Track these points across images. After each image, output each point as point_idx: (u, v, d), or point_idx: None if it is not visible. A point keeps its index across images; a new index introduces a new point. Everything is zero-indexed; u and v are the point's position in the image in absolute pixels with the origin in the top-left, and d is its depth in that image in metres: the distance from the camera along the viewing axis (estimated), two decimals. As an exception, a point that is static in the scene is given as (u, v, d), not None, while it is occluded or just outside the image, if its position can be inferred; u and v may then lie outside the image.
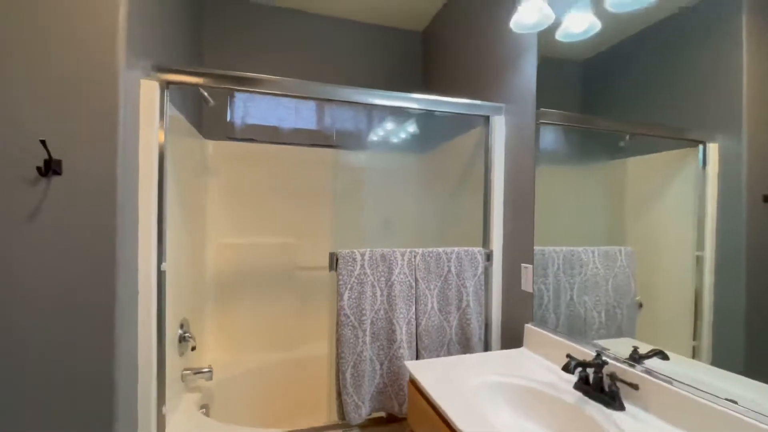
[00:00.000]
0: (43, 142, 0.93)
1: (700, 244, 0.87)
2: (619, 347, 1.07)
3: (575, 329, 1.22)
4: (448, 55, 2.22)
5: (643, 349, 1.00)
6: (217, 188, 2.15)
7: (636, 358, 1.02)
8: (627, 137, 1.08)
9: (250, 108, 2.19)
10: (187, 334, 1.65)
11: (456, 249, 1.50)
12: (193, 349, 1.69)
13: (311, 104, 2.33)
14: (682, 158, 0.92)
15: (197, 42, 2.05)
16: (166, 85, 1.25)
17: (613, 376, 0.99)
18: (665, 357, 0.97)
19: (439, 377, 1.12)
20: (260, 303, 2.20)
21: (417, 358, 1.44)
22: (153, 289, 1.21)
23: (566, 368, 0.98)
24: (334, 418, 1.39)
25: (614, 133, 1.12)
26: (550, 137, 1.40)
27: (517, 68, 1.55)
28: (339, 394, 1.36)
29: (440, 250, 1.48)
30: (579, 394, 1.04)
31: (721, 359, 0.83)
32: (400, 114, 2.48)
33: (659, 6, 0.98)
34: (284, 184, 2.26)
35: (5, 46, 0.95)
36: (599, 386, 1.01)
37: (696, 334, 0.88)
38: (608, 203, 1.13)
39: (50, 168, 0.96)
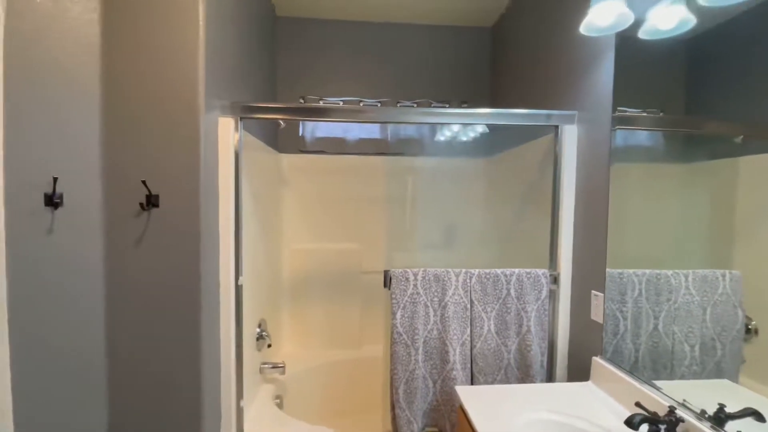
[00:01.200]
0: (143, 182, 1.13)
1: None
2: (707, 396, 0.91)
3: (659, 363, 1.07)
4: (517, 54, 2.07)
5: (738, 398, 0.84)
6: (291, 197, 2.35)
7: (721, 417, 0.87)
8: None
9: (319, 123, 2.32)
10: (264, 333, 1.86)
11: (516, 270, 1.43)
12: (269, 346, 1.90)
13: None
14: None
15: (272, 64, 2.22)
16: (240, 118, 1.40)
17: (688, 439, 0.87)
18: (761, 418, 0.82)
19: (489, 408, 1.10)
20: (328, 303, 2.35)
21: (472, 380, 1.42)
22: (231, 299, 1.39)
23: (629, 423, 0.89)
24: (389, 428, 1.46)
25: (723, 131, 0.90)
26: (631, 134, 1.22)
27: (591, 72, 1.39)
28: (392, 407, 1.41)
29: (499, 271, 1.42)
30: (646, 451, 0.93)
31: None
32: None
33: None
34: (350, 192, 2.37)
35: (116, 108, 1.17)
36: (671, 447, 0.89)
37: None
38: (708, 215, 0.94)
39: (150, 202, 1.16)
